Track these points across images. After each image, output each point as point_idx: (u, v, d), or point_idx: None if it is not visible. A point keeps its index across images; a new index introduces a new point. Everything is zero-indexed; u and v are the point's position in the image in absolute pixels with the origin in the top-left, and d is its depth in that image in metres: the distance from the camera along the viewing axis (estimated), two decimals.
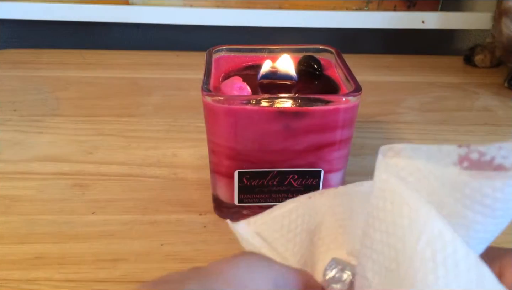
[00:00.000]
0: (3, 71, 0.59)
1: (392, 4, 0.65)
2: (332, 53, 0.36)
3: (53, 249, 0.31)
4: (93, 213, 0.34)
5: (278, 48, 0.36)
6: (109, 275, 0.29)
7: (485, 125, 0.49)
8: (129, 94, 0.54)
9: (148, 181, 0.38)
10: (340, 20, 0.64)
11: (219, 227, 0.33)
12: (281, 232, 0.20)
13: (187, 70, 0.60)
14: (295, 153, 0.30)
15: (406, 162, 0.17)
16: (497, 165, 0.15)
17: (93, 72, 0.59)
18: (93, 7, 0.63)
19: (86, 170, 0.39)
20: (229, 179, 0.32)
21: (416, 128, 0.48)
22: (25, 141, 0.43)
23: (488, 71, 0.62)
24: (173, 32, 0.67)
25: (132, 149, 0.42)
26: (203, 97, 0.29)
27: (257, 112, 0.29)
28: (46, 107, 0.50)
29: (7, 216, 0.34)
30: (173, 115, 0.49)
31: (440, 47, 0.71)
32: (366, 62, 0.64)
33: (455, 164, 0.16)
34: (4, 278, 0.29)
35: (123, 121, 0.47)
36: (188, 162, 0.41)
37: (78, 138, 0.44)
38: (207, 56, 0.34)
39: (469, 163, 0.16)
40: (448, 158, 0.16)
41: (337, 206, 0.20)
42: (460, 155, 0.16)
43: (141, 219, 0.34)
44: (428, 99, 0.54)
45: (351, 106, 0.29)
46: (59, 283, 0.28)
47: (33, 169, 0.39)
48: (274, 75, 0.33)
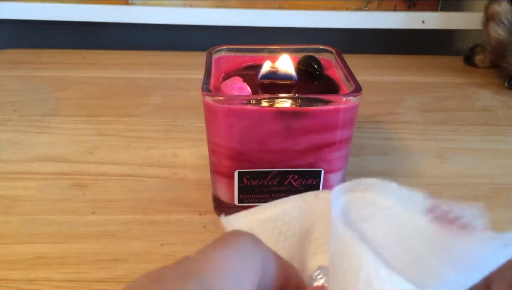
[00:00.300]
0: (3, 71, 0.59)
1: (392, 4, 0.65)
2: (332, 53, 0.36)
3: (53, 249, 0.31)
4: (93, 213, 0.34)
5: (278, 48, 0.36)
6: (109, 275, 0.29)
7: (485, 125, 0.49)
8: (129, 94, 0.54)
9: (148, 181, 0.38)
10: (340, 20, 0.64)
11: (219, 227, 0.33)
12: (272, 233, 0.20)
13: (187, 70, 0.60)
14: (295, 153, 0.30)
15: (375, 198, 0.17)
16: (462, 224, 0.16)
17: (93, 72, 0.59)
18: (92, 7, 0.63)
19: (86, 170, 0.39)
20: (229, 179, 0.32)
21: (416, 128, 0.48)
22: (25, 141, 0.43)
23: (488, 71, 0.62)
24: (173, 32, 0.67)
25: (132, 149, 0.42)
26: (203, 97, 0.29)
27: (257, 112, 0.29)
28: (46, 107, 0.50)
29: (7, 216, 0.34)
30: (173, 115, 0.49)
31: (440, 47, 0.71)
32: (366, 62, 0.64)
33: (423, 212, 0.16)
34: (4, 278, 0.29)
35: (123, 121, 0.47)
36: (188, 162, 0.41)
37: (78, 138, 0.44)
38: (207, 56, 0.34)
39: (436, 216, 0.16)
40: (417, 205, 0.16)
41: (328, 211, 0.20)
42: (428, 207, 0.16)
43: (141, 219, 0.34)
44: (428, 99, 0.54)
45: (351, 106, 0.29)
46: (59, 283, 0.28)
47: (33, 169, 0.39)
48: (274, 75, 0.33)
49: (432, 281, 0.16)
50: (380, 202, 0.17)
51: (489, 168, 0.41)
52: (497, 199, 0.37)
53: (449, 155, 0.43)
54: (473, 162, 0.42)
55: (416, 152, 0.43)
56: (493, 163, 0.42)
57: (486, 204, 0.15)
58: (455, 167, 0.41)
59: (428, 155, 0.43)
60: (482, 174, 0.40)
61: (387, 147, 0.44)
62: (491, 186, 0.39)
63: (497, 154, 0.44)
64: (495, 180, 0.40)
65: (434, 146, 0.44)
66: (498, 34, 0.51)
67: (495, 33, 0.51)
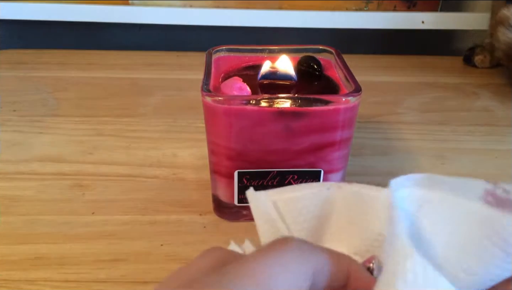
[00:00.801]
0: (3, 71, 0.59)
1: (392, 4, 0.65)
2: (332, 53, 0.36)
3: (53, 249, 0.31)
4: (93, 213, 0.34)
5: (278, 49, 0.36)
6: (109, 275, 0.29)
7: (485, 126, 0.49)
8: (129, 94, 0.54)
9: (148, 181, 0.38)
10: (340, 20, 0.64)
11: (219, 228, 0.33)
12: (293, 213, 0.21)
13: (187, 70, 0.60)
14: (295, 153, 0.30)
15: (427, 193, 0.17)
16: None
17: (93, 72, 0.59)
18: (93, 7, 0.63)
19: (86, 171, 0.39)
20: (229, 180, 0.32)
21: (416, 128, 0.48)
22: (25, 142, 0.43)
23: (487, 72, 0.62)
24: (173, 32, 0.67)
25: (132, 149, 0.42)
26: (203, 97, 0.29)
27: (257, 112, 0.29)
28: (46, 107, 0.50)
29: (7, 216, 0.34)
30: (173, 115, 0.49)
31: (440, 47, 0.71)
32: (366, 62, 0.64)
33: (480, 198, 0.16)
34: (4, 278, 0.29)
35: (123, 121, 0.47)
36: (188, 162, 0.41)
37: (78, 138, 0.44)
38: (207, 56, 0.34)
39: (494, 199, 0.16)
40: (472, 192, 0.17)
41: (352, 205, 0.21)
42: (486, 190, 0.16)
43: (141, 219, 0.34)
44: (428, 99, 0.54)
45: (351, 106, 0.29)
46: (58, 284, 0.28)
47: (33, 169, 0.39)
48: (274, 75, 0.33)
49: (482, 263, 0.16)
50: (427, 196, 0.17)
51: (489, 168, 0.41)
52: None
53: (449, 155, 0.43)
54: (473, 162, 0.42)
55: (416, 152, 0.43)
56: (492, 163, 0.42)
57: None
58: (454, 167, 0.41)
59: (428, 155, 0.43)
60: (482, 174, 0.40)
61: (387, 147, 0.44)
62: None
63: (497, 154, 0.44)
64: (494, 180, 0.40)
65: (434, 146, 0.45)
66: (508, 37, 0.52)
67: (505, 36, 0.52)
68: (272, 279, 0.14)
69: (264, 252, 0.16)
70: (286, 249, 0.16)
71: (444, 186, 0.18)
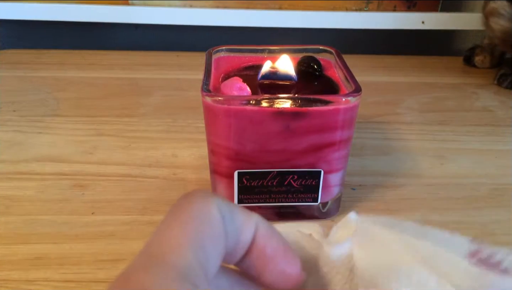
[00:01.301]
0: (3, 71, 0.59)
1: (392, 4, 0.65)
2: (332, 53, 0.36)
3: (52, 250, 0.31)
4: (92, 213, 0.34)
5: (278, 49, 0.36)
6: (109, 275, 0.29)
7: (485, 126, 0.49)
8: (129, 94, 0.54)
9: (148, 181, 0.38)
10: (340, 20, 0.64)
11: None
12: None
13: (187, 70, 0.60)
14: (295, 153, 0.30)
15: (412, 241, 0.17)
16: (504, 268, 0.16)
17: (93, 72, 0.59)
18: (93, 7, 0.63)
19: (86, 170, 0.39)
20: (229, 180, 0.32)
21: (416, 128, 0.48)
22: (25, 141, 0.43)
23: (487, 72, 0.62)
24: (173, 32, 0.67)
25: (132, 149, 0.42)
26: (203, 98, 0.29)
27: (257, 113, 0.29)
28: (46, 107, 0.50)
29: (7, 216, 0.34)
30: (173, 115, 0.49)
31: (439, 47, 0.71)
32: (366, 62, 0.64)
33: (465, 256, 0.16)
34: (4, 278, 0.29)
35: (123, 121, 0.47)
36: (188, 162, 0.41)
37: (78, 138, 0.44)
38: (207, 56, 0.34)
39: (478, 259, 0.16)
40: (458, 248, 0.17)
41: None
42: (470, 250, 0.16)
43: (141, 219, 0.34)
44: (428, 99, 0.54)
45: (351, 107, 0.29)
46: (58, 284, 0.28)
47: (33, 169, 0.39)
48: (274, 76, 0.33)
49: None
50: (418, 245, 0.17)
51: (489, 168, 0.41)
52: (496, 199, 0.37)
53: (449, 156, 0.43)
54: (473, 163, 0.42)
55: (415, 152, 0.43)
56: (492, 163, 0.42)
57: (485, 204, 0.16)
58: (454, 168, 0.41)
59: (428, 156, 0.43)
60: (482, 174, 0.40)
61: (387, 147, 0.44)
62: (490, 186, 0.39)
63: (497, 154, 0.44)
64: (494, 180, 0.40)
65: (433, 146, 0.45)
66: (501, 24, 0.52)
67: (497, 24, 0.52)
68: (191, 245, 0.15)
69: (175, 216, 0.16)
70: (193, 207, 0.16)
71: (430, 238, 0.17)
